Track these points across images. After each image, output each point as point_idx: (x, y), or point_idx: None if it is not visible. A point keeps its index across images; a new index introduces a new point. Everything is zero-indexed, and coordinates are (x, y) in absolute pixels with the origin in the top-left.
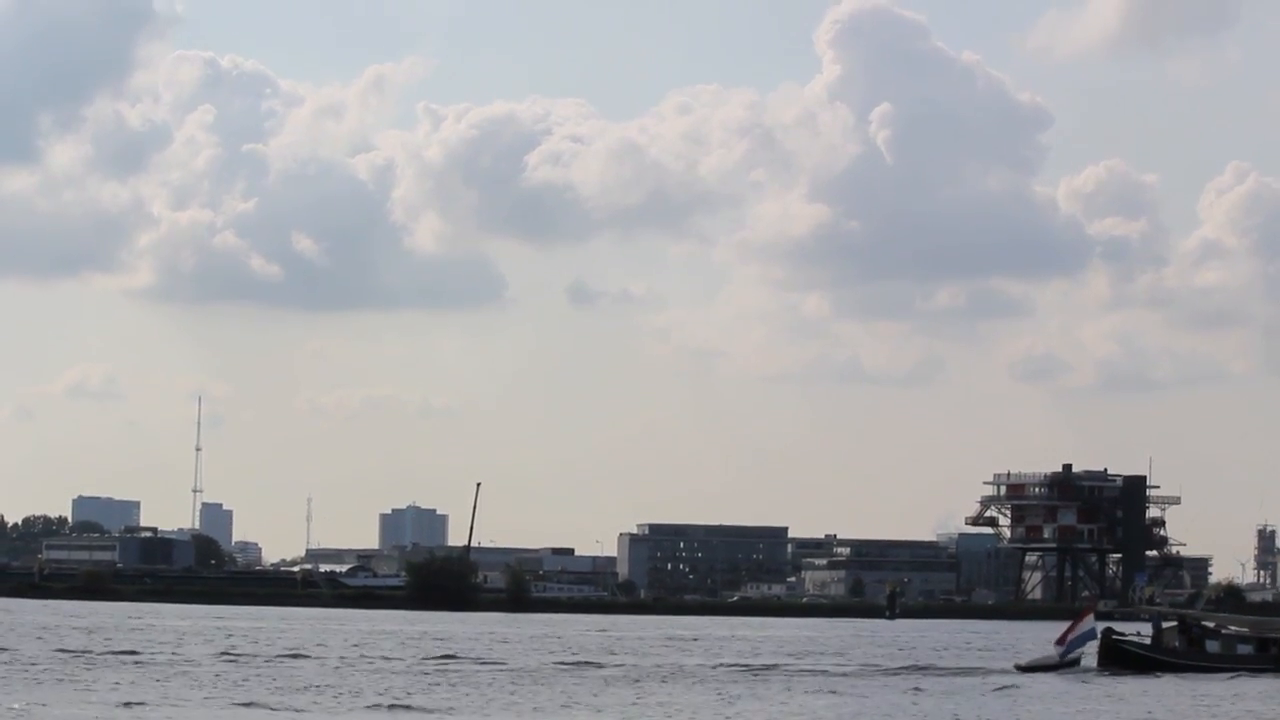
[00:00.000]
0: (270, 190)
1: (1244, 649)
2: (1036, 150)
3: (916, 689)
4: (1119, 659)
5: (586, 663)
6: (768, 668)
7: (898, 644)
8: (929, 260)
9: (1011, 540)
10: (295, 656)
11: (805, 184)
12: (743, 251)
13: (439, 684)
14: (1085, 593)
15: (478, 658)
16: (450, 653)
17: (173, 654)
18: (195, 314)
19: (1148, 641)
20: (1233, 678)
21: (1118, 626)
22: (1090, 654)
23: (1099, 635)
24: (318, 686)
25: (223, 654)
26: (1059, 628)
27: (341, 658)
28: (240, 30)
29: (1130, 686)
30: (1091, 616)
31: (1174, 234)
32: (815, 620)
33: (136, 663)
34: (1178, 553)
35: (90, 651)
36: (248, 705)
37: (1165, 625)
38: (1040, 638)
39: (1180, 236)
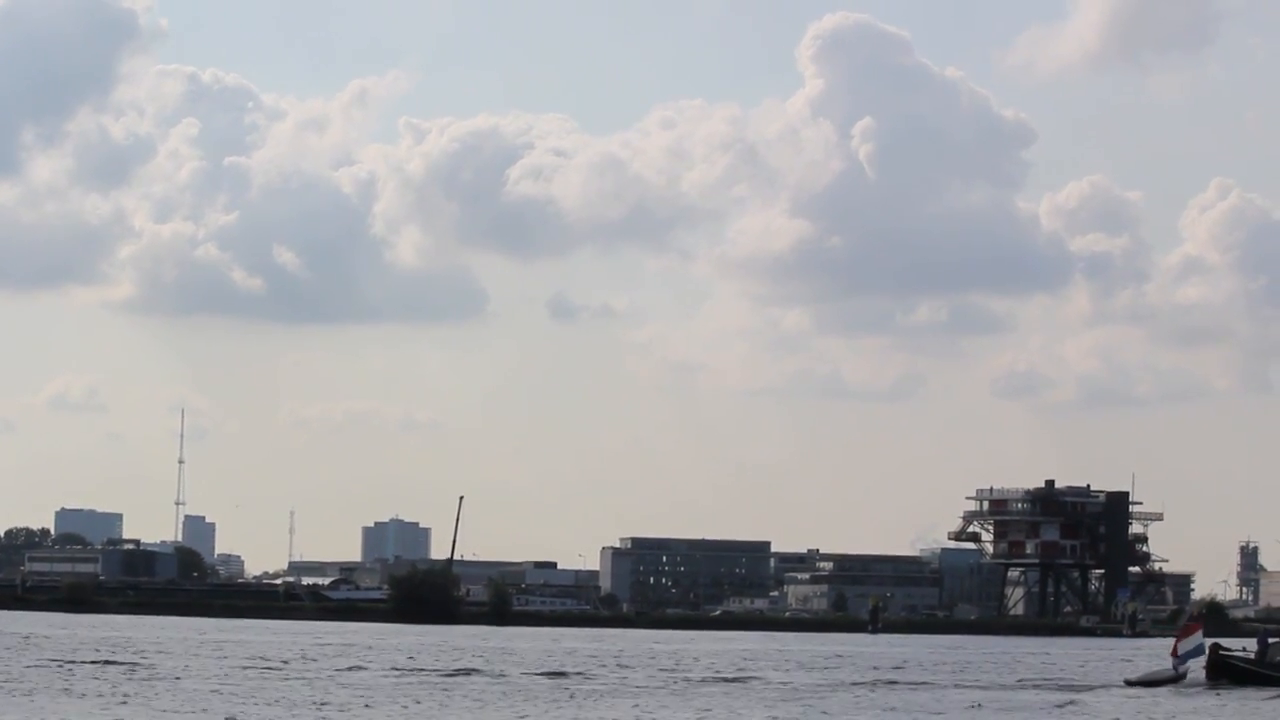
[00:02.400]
0: (252, 203)
1: None
2: (1019, 166)
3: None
4: (1226, 673)
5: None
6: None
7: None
8: (911, 276)
9: (994, 556)
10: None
11: (787, 199)
12: (724, 266)
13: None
14: (1067, 608)
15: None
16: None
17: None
18: (177, 326)
19: (1253, 656)
20: None
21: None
22: (1197, 668)
23: (1206, 650)
24: None
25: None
26: (1044, 643)
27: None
28: (224, 44)
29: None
30: (1200, 631)
31: (1156, 250)
32: (805, 635)
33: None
34: (1160, 569)
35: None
36: None
37: (1271, 640)
38: (1029, 652)
39: (1162, 253)
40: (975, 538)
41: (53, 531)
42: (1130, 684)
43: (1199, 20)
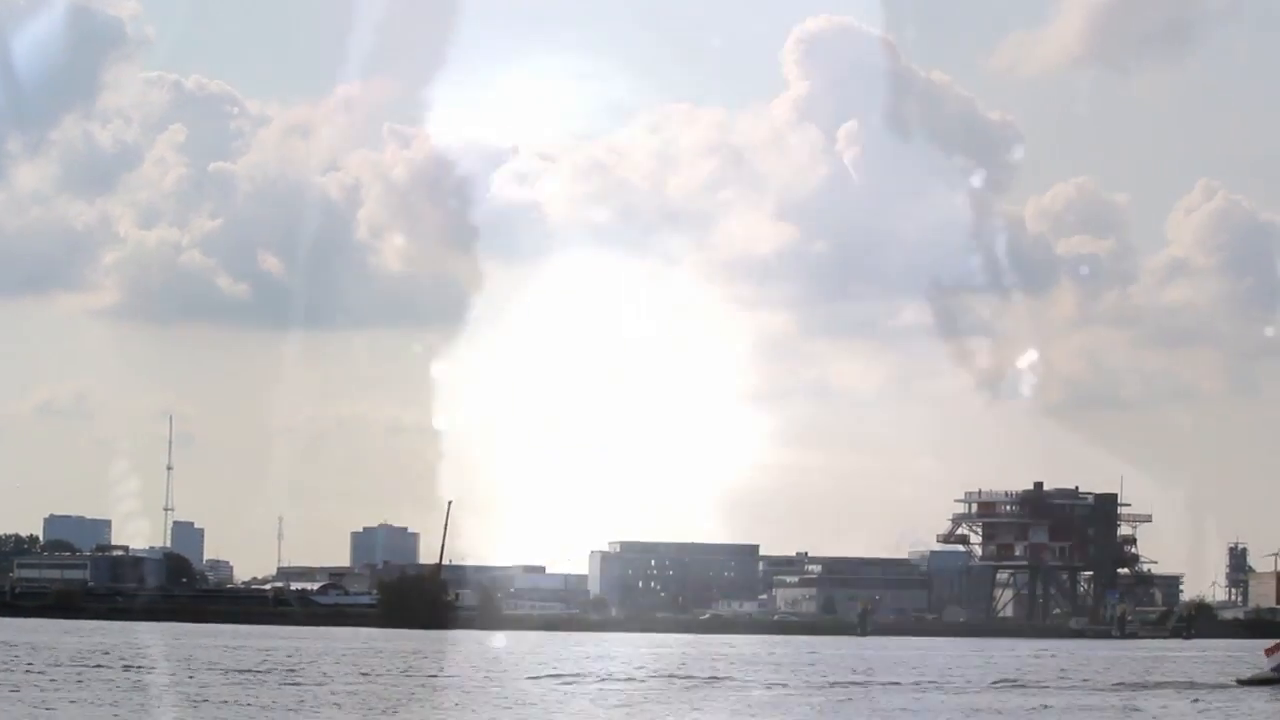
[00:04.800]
0: (237, 209)
1: None
2: (1005, 169)
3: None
4: None
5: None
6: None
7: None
8: (896, 278)
9: (983, 558)
10: None
11: (772, 203)
12: (710, 270)
13: None
14: (1056, 610)
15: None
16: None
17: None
18: (163, 333)
19: None
20: None
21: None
22: None
23: None
24: None
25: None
26: (1033, 645)
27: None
28: (209, 51)
29: None
30: None
31: (1142, 252)
32: (796, 638)
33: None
34: (1149, 570)
35: None
36: None
37: None
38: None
39: (1149, 255)
40: (964, 540)
41: (41, 538)
42: (1242, 683)
43: (1183, 21)
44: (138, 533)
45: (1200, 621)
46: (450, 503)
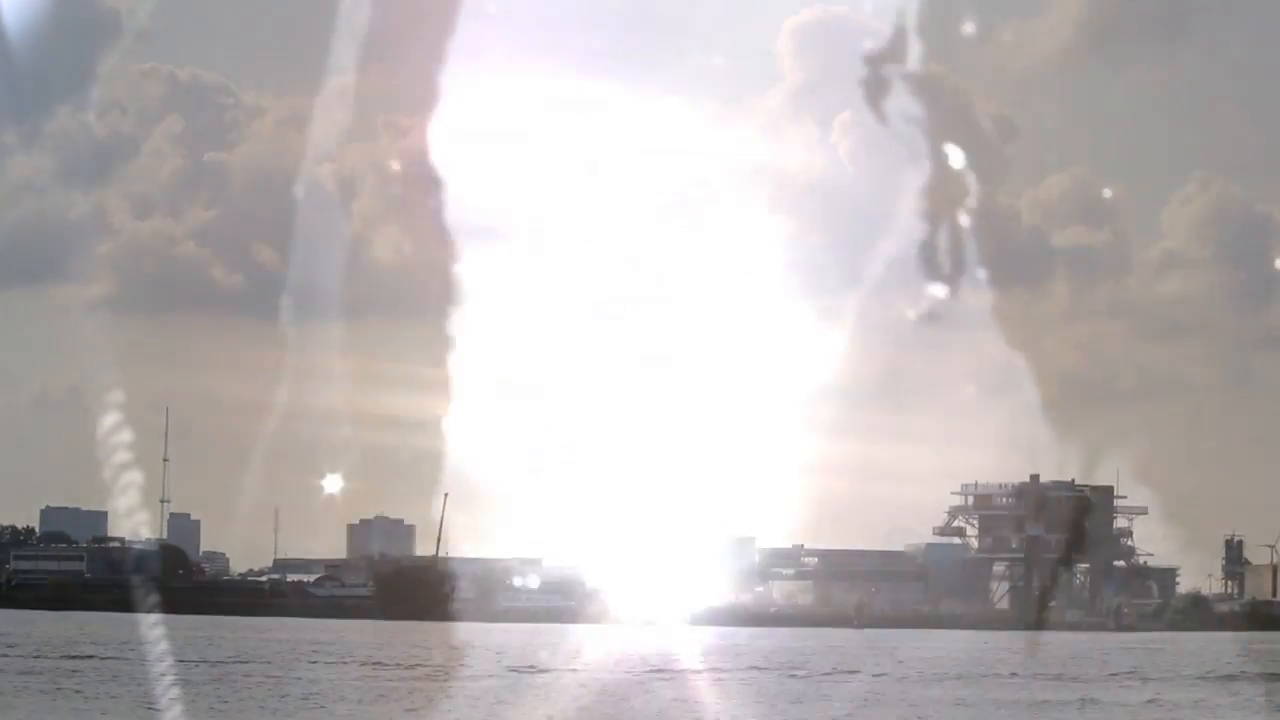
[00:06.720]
0: (232, 200)
1: None
2: (1001, 160)
3: None
4: None
5: None
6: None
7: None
8: (891, 270)
9: (979, 550)
10: None
11: (766, 195)
12: (704, 265)
13: None
14: (1052, 603)
15: None
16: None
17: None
18: (158, 324)
19: None
20: None
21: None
22: None
23: None
24: None
25: None
26: (1028, 637)
27: None
28: (205, 42)
29: None
30: None
31: (1138, 244)
32: (792, 630)
33: None
34: (1145, 563)
35: None
36: None
37: None
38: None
39: (1144, 247)
40: (960, 532)
41: (38, 530)
42: None
43: (1179, 11)
44: (135, 524)
45: (1196, 614)
46: (446, 495)
